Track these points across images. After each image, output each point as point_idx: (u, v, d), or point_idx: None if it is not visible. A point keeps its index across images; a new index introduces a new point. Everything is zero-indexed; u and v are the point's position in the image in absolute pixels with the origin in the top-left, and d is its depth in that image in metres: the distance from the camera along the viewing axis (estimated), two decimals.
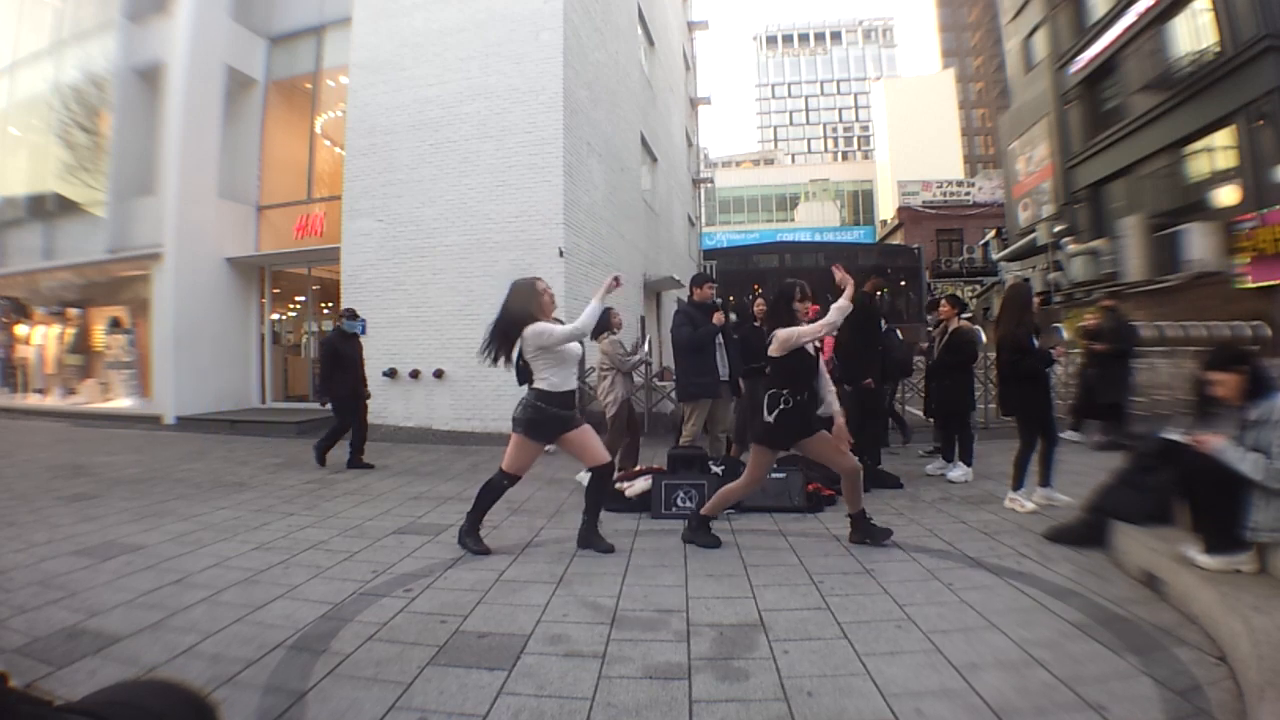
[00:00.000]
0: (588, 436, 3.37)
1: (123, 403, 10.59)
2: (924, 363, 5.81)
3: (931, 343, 5.30)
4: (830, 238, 40.63)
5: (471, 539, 3.38)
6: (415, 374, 7.96)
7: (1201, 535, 2.54)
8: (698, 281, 5.00)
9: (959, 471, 4.94)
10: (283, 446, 7.43)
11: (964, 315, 5.27)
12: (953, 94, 48.45)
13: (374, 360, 7.12)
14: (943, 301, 5.36)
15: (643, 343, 5.66)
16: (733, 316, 5.51)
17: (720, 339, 4.86)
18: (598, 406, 5.32)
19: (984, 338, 7.47)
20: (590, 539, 3.40)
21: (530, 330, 3.21)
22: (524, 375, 3.41)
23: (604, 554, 3.30)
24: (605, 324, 5.22)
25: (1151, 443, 3.14)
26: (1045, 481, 4.08)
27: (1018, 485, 4.07)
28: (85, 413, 10.51)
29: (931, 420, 5.88)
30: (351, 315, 6.08)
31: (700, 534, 3.45)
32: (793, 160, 67.18)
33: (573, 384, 3.38)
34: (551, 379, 3.27)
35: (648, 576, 2.96)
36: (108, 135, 10.10)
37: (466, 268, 8.35)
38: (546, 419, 3.26)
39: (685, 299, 5.52)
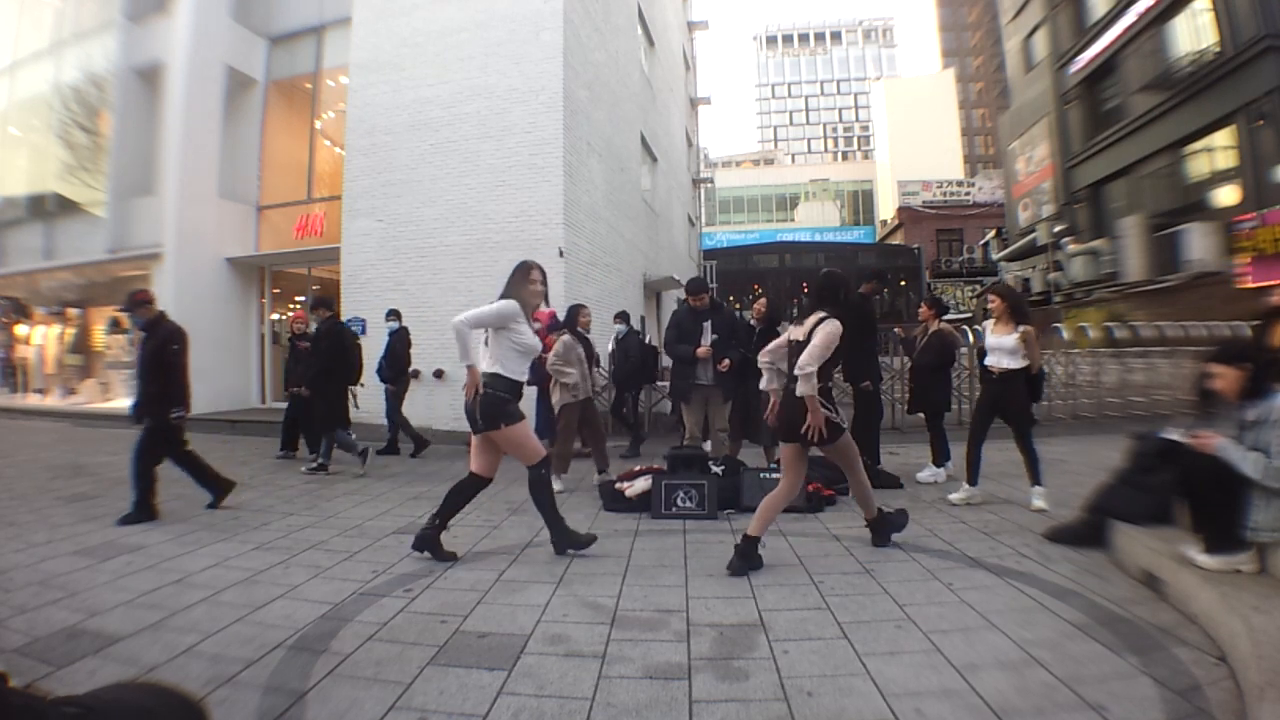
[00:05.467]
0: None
1: (123, 403, 10.58)
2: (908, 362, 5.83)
3: (914, 343, 5.33)
4: (830, 238, 40.73)
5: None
6: (415, 374, 7.93)
7: (1201, 535, 2.54)
8: (691, 289, 4.96)
9: (927, 472, 4.97)
10: None
11: (945, 317, 5.28)
12: (953, 94, 48.49)
13: (374, 360, 7.12)
14: (923, 304, 5.37)
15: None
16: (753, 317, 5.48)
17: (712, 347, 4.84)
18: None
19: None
20: (428, 543, 3.21)
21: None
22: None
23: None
24: (572, 321, 5.32)
25: (1151, 443, 3.15)
26: (973, 480, 4.22)
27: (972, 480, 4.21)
28: (85, 413, 10.51)
29: (923, 416, 5.89)
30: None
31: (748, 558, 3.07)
32: (793, 160, 67.27)
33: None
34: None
35: (648, 576, 2.96)
36: (108, 135, 10.10)
37: (466, 268, 8.34)
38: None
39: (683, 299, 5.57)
